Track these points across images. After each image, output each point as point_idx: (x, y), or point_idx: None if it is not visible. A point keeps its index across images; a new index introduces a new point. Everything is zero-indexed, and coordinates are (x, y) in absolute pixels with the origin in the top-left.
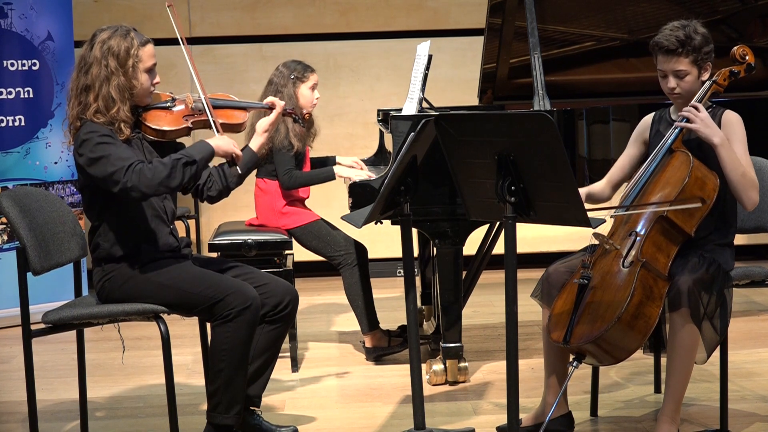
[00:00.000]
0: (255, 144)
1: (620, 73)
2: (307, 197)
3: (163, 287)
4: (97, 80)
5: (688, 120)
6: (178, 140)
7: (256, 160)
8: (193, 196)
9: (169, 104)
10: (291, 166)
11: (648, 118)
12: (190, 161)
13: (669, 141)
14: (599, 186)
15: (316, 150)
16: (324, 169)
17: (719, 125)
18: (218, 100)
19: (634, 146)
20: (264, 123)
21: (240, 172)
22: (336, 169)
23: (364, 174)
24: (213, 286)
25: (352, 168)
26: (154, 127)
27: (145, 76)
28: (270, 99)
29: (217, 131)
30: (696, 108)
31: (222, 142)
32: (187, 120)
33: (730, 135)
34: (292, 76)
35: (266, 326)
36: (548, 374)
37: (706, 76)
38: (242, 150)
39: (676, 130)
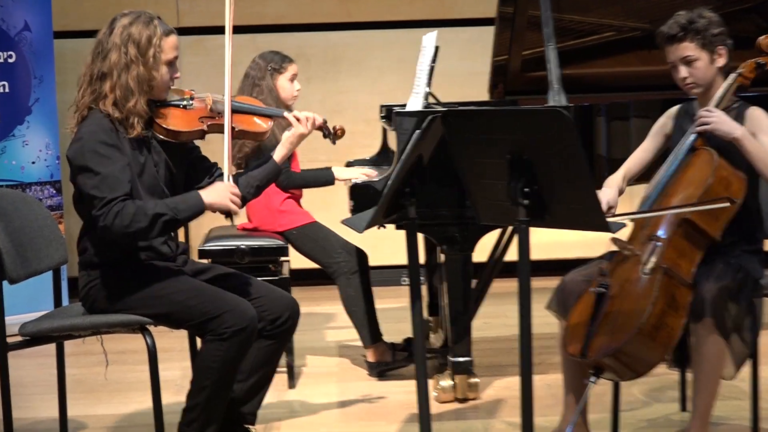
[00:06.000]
0: (278, 155)
1: (641, 66)
2: (302, 196)
3: (154, 298)
4: (116, 68)
5: (703, 123)
6: (194, 142)
7: (279, 172)
8: None
9: (185, 103)
10: (286, 165)
11: (672, 111)
12: (172, 220)
13: (691, 138)
14: (615, 180)
15: (315, 150)
16: (323, 171)
17: (743, 121)
18: (241, 104)
19: (654, 139)
20: (291, 134)
21: (233, 224)
22: (336, 172)
23: (364, 172)
24: (209, 301)
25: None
26: (166, 126)
27: (165, 68)
28: (296, 113)
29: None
30: (708, 110)
31: (217, 198)
32: (203, 122)
33: (755, 128)
34: (269, 68)
35: (263, 341)
36: (567, 391)
37: (720, 62)
38: (266, 161)
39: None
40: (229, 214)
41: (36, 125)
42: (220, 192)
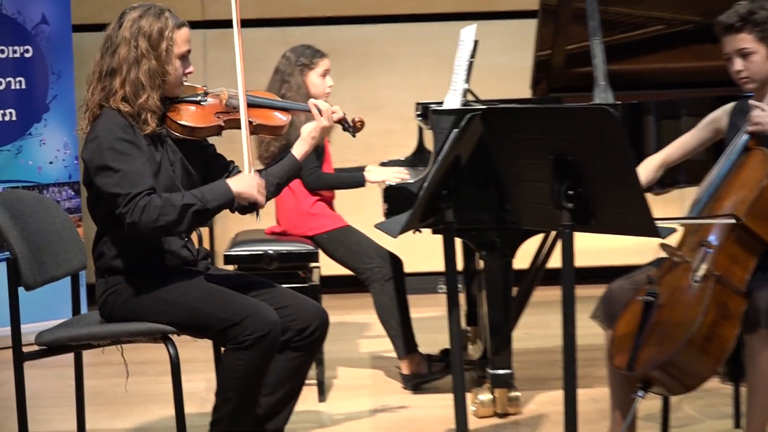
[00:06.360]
0: (299, 151)
1: (693, 61)
2: (333, 198)
3: (173, 305)
4: (125, 63)
5: (756, 124)
6: (208, 139)
7: (299, 169)
8: None
9: (200, 98)
10: (316, 164)
11: (728, 107)
12: (202, 210)
13: (744, 138)
14: (648, 168)
15: (347, 149)
16: (353, 173)
17: None
18: (257, 98)
19: (703, 130)
20: (312, 128)
21: (259, 219)
22: (367, 174)
23: (399, 172)
24: (228, 308)
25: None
26: (180, 122)
27: (178, 62)
28: (315, 102)
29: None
30: (760, 107)
31: (245, 187)
32: (219, 117)
33: None
34: (299, 63)
35: (290, 353)
36: (613, 406)
37: None
38: (284, 157)
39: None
40: (255, 207)
41: (54, 123)
42: (247, 181)
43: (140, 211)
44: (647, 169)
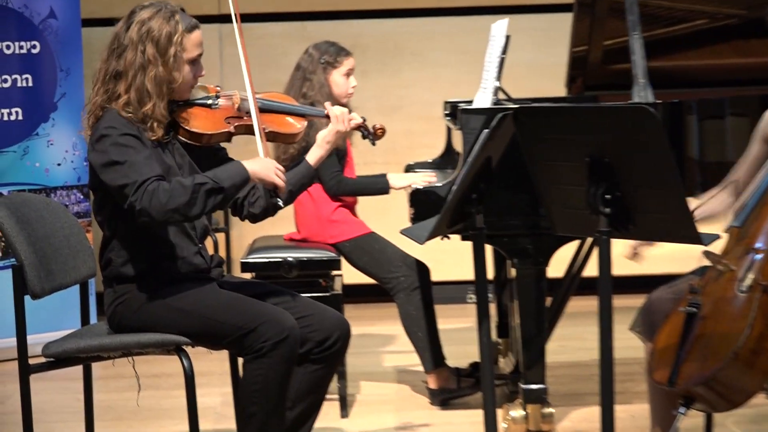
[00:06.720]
0: (313, 157)
1: (738, 58)
2: (356, 203)
3: (185, 314)
4: (131, 68)
5: None
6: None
7: (313, 176)
8: (233, 212)
9: (210, 102)
10: (337, 168)
11: None
12: (216, 189)
13: None
14: (721, 196)
15: (371, 151)
16: (378, 179)
17: None
18: (271, 102)
19: (757, 144)
20: (328, 133)
21: (282, 205)
22: (391, 180)
23: (424, 176)
24: (242, 314)
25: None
26: (187, 128)
27: (187, 68)
28: (335, 108)
29: (261, 141)
30: None
31: (260, 168)
32: (229, 123)
33: None
34: (322, 61)
35: (310, 365)
36: (653, 423)
37: None
38: (298, 163)
39: None
40: (276, 194)
41: (62, 123)
42: (264, 163)
43: (149, 196)
44: (718, 200)
